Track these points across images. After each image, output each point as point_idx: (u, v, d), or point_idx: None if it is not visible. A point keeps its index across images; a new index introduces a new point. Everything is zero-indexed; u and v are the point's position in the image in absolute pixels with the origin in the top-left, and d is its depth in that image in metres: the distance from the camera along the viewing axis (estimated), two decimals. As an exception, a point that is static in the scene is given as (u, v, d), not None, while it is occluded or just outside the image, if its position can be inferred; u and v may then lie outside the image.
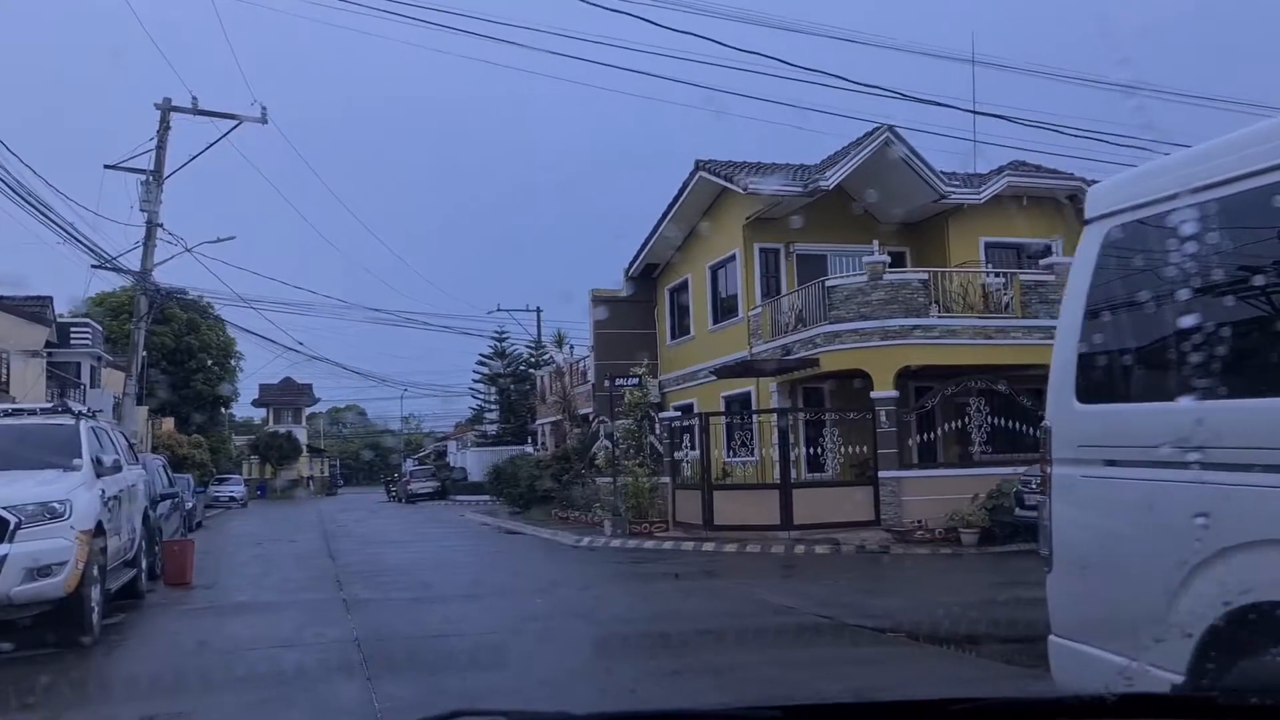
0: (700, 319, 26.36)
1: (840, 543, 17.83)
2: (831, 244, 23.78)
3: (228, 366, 62.30)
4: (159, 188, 34.36)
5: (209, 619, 10.88)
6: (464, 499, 47.48)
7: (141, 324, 34.81)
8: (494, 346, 52.15)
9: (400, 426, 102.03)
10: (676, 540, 19.25)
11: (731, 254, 24.15)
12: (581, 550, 19.26)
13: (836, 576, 14.15)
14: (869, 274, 19.30)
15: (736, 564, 16.12)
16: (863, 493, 19.06)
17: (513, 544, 21.50)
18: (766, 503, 18.97)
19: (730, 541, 18.51)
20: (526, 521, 27.32)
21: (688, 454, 20.67)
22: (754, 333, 23.09)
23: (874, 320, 19.15)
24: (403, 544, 21.40)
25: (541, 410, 36.15)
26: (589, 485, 26.18)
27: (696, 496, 19.85)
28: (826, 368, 19.82)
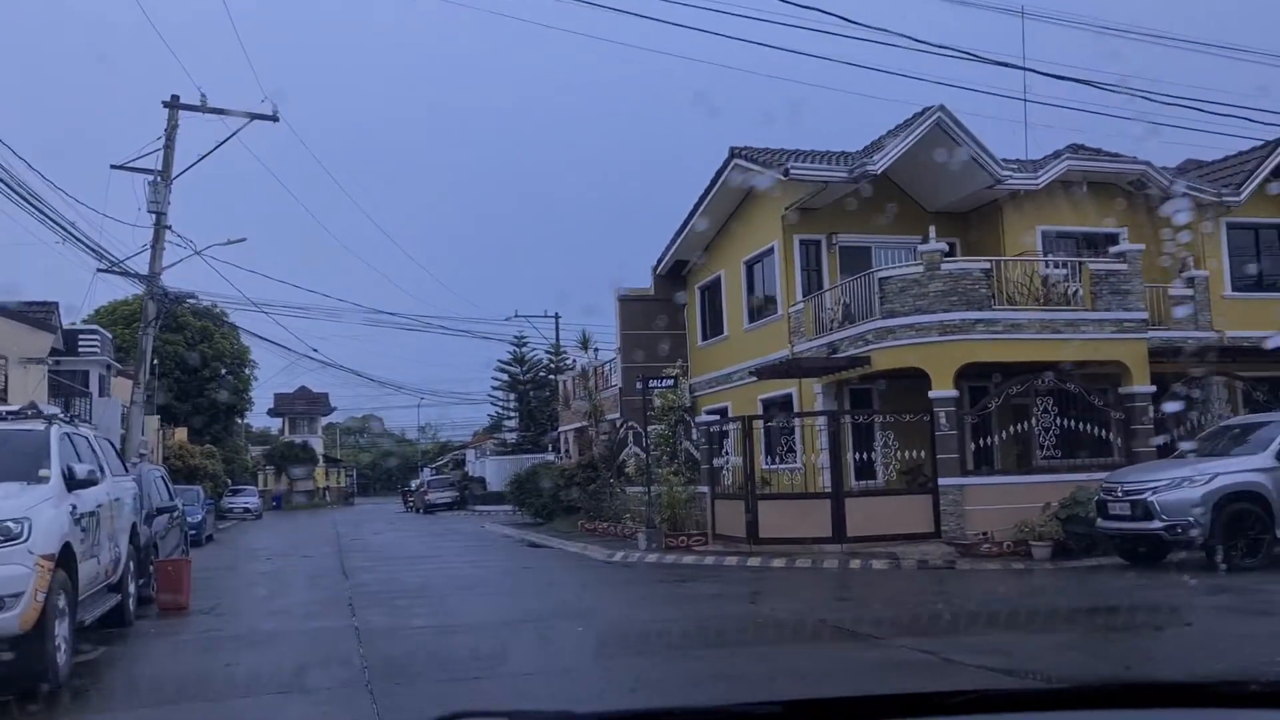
0: (734, 318, 24.84)
1: (899, 557, 16.27)
2: (876, 235, 22.23)
3: (242, 375, 61.09)
4: (167, 188, 33.11)
5: (200, 655, 9.42)
6: (483, 509, 46.10)
7: (149, 330, 33.52)
8: (513, 352, 50.81)
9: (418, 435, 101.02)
10: (718, 555, 17.72)
11: (769, 247, 22.63)
12: (616, 567, 17.75)
13: (911, 598, 12.60)
14: (925, 263, 17.75)
15: (791, 583, 14.59)
16: (921, 502, 17.50)
17: (540, 559, 20.00)
18: (816, 514, 17.43)
19: (777, 556, 16.98)
20: (551, 533, 25.84)
21: (728, 461, 19.15)
22: (795, 330, 21.56)
23: (931, 314, 17.60)
24: (421, 560, 19.93)
25: (564, 416, 34.68)
26: (618, 495, 24.68)
27: (738, 507, 18.33)
28: (879, 366, 18.27)
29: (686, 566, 17.14)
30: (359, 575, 16.46)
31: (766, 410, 22.30)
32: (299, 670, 8.27)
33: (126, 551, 11.12)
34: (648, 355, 27.04)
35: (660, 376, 20.33)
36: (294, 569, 18.86)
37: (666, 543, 19.09)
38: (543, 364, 51.10)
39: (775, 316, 22.46)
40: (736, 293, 24.61)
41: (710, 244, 26.01)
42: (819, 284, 21.95)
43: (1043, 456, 18.08)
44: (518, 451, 49.08)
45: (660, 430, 20.91)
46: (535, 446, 48.08)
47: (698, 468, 21.10)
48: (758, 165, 21.60)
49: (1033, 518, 16.33)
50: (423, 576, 16.13)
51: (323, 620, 11.40)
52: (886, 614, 10.94)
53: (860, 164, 19.99)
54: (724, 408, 24.34)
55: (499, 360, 51.65)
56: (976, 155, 20.24)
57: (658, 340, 27.28)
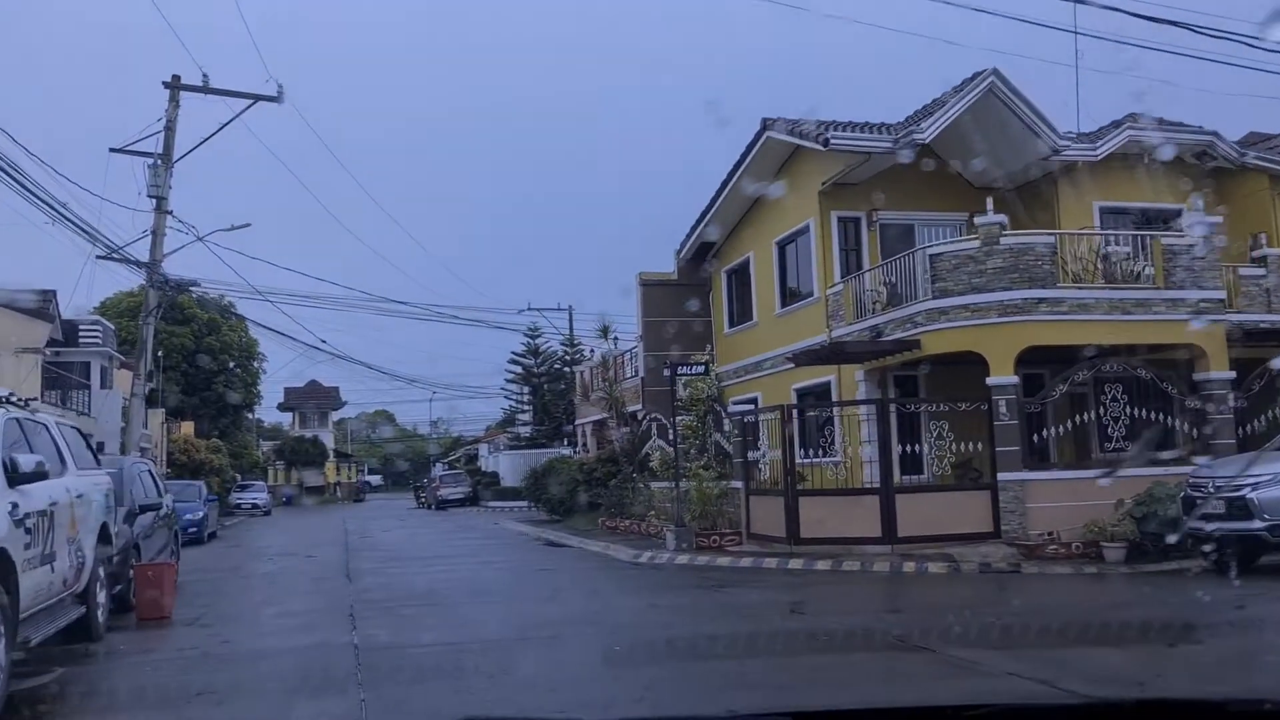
0: (765, 302, 23.34)
1: (956, 560, 14.77)
2: (919, 212, 20.74)
3: (250, 369, 59.84)
4: (168, 172, 31.83)
5: (169, 679, 7.99)
6: (497, 505, 44.77)
7: (150, 319, 32.28)
8: (527, 344, 49.37)
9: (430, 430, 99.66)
10: (755, 556, 16.24)
11: (804, 225, 21.12)
12: (644, 569, 16.28)
13: (984, 608, 11.11)
14: (983, 238, 16.22)
15: (843, 590, 13.09)
16: (978, 499, 15.98)
17: (560, 559, 18.55)
18: (863, 511, 15.94)
19: (821, 558, 15.50)
20: (569, 531, 24.40)
21: (764, 454, 17.66)
22: (833, 314, 20.06)
23: (989, 293, 16.08)
24: (432, 560, 18.52)
25: (581, 409, 33.23)
26: (641, 491, 23.22)
27: (777, 504, 16.84)
28: (930, 350, 16.76)
29: (721, 569, 15.67)
30: (364, 578, 15.03)
31: (801, 400, 20.78)
32: (285, 701, 6.84)
33: (94, 556, 9.71)
34: (671, 343, 25.59)
35: (689, 363, 18.84)
36: (295, 570, 17.47)
37: (697, 542, 17.63)
38: (557, 356, 49.68)
39: (811, 299, 20.96)
40: (767, 275, 23.10)
41: (738, 224, 24.52)
42: (858, 264, 20.44)
43: (1111, 449, 16.54)
44: (532, 446, 47.69)
45: (688, 422, 19.43)
46: (550, 441, 46.69)
47: (729, 461, 19.63)
48: (794, 136, 20.09)
49: (1104, 517, 14.81)
50: (433, 579, 14.70)
51: (319, 634, 9.97)
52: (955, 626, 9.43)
53: (907, 132, 18.45)
54: (753, 398, 22.85)
55: (512, 352, 50.28)
56: (1033, 123, 18.69)
57: (681, 327, 25.82)
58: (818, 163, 20.47)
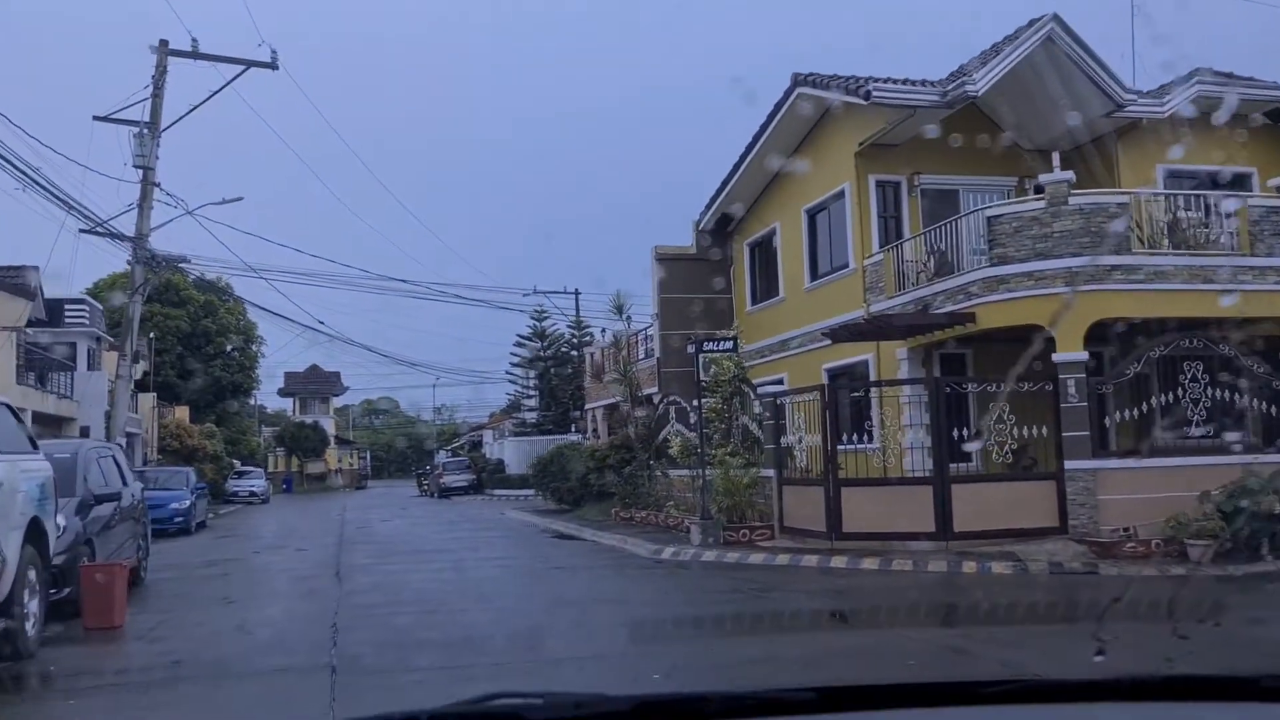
0: (793, 276, 21.59)
1: (1022, 559, 13.07)
2: (964, 176, 18.97)
3: (248, 352, 58.16)
4: (155, 141, 30.12)
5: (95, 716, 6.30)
6: (502, 493, 43.14)
7: (137, 297, 30.62)
8: (533, 326, 47.61)
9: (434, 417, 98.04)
10: (791, 552, 14.55)
11: (839, 190, 19.35)
12: (668, 567, 14.59)
13: (1080, 619, 9.38)
14: (1049, 197, 14.46)
15: (904, 595, 11.37)
16: (1041, 490, 14.27)
17: (572, 555, 16.87)
18: (914, 503, 14.23)
19: (866, 555, 13.81)
20: (581, 522, 22.73)
21: (800, 439, 15.94)
22: (870, 287, 18.32)
23: (1056, 259, 14.34)
24: (433, 555, 16.86)
25: (592, 392, 31.52)
26: (658, 479, 21.55)
27: (815, 495, 15.14)
28: (986, 324, 15.03)
29: (756, 568, 13.99)
30: (355, 578, 13.35)
31: (833, 381, 19.05)
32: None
33: (20, 556, 8.03)
34: (689, 321, 23.87)
35: (715, 338, 17.10)
36: (280, 567, 15.81)
37: (725, 536, 15.95)
38: (565, 339, 47.95)
39: (846, 271, 19.20)
40: (795, 247, 21.35)
41: (763, 193, 22.75)
42: (898, 233, 18.70)
43: (1191, 434, 14.79)
44: (538, 432, 46.03)
45: (712, 404, 17.72)
46: (557, 427, 45.00)
47: (757, 447, 17.91)
48: (829, 91, 18.31)
49: (1187, 510, 13.12)
50: (432, 580, 13.02)
51: (292, 653, 8.28)
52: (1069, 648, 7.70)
53: (957, 84, 16.68)
54: (779, 379, 21.11)
55: (517, 335, 48.51)
56: (1095, 74, 16.90)
57: (701, 305, 24.09)
58: (854, 122, 18.71)
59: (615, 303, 22.62)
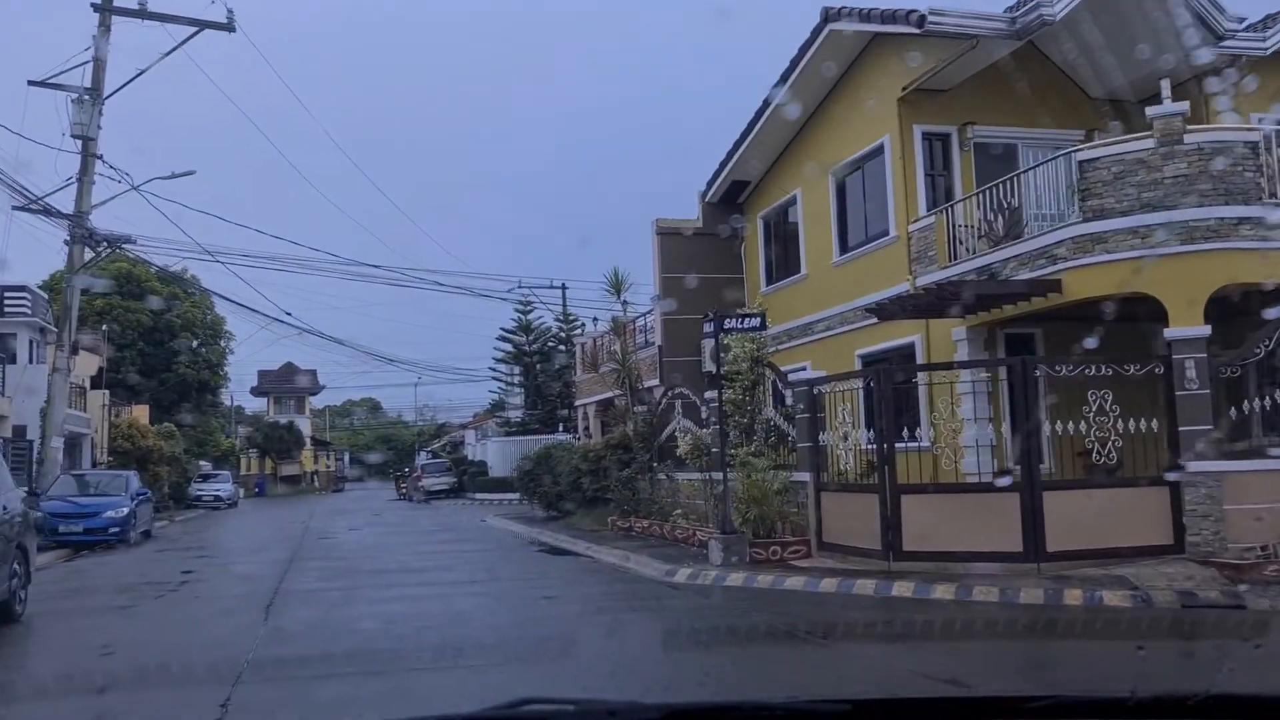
0: (818, 249, 18.75)
1: (1138, 586, 10.25)
2: (1024, 128, 16.19)
3: (216, 348, 55.01)
4: (97, 108, 27.12)
5: None
6: (484, 497, 40.25)
7: (75, 280, 27.60)
8: (518, 320, 44.62)
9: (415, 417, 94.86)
10: (838, 575, 11.70)
11: (877, 145, 16.54)
12: (686, 594, 11.71)
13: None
14: (1159, 134, 11.67)
15: (1016, 640, 8.52)
16: (1151, 499, 11.46)
17: (567, 577, 13.96)
18: (995, 516, 11.40)
19: (936, 579, 10.98)
20: (573, 532, 19.86)
21: (846, 435, 13.07)
22: (918, 257, 15.51)
23: (1168, 211, 11.55)
24: (396, 577, 13.94)
25: (583, 387, 28.60)
26: (662, 483, 18.69)
27: (865, 504, 12.30)
28: (1076, 293, 12.22)
29: (798, 597, 11.14)
30: (289, 612, 10.41)
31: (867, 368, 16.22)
32: None
33: None
34: (695, 304, 21.03)
35: (737, 315, 14.21)
36: (205, 594, 12.83)
37: (751, 554, 13.10)
38: (551, 333, 45.01)
39: (886, 240, 16.39)
40: (821, 216, 18.52)
41: (782, 155, 19.92)
42: (947, 194, 15.92)
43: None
44: (523, 432, 43.11)
45: (731, 395, 14.85)
46: (544, 426, 42.11)
47: (783, 445, 15.07)
48: (870, 22, 15.49)
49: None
50: (387, 615, 10.11)
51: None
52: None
53: (1029, 8, 13.85)
54: (800, 368, 18.26)
55: (501, 329, 45.51)
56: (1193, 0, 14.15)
57: (708, 286, 21.24)
58: (896, 64, 15.93)
59: (612, 281, 19.71)
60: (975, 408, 12.94)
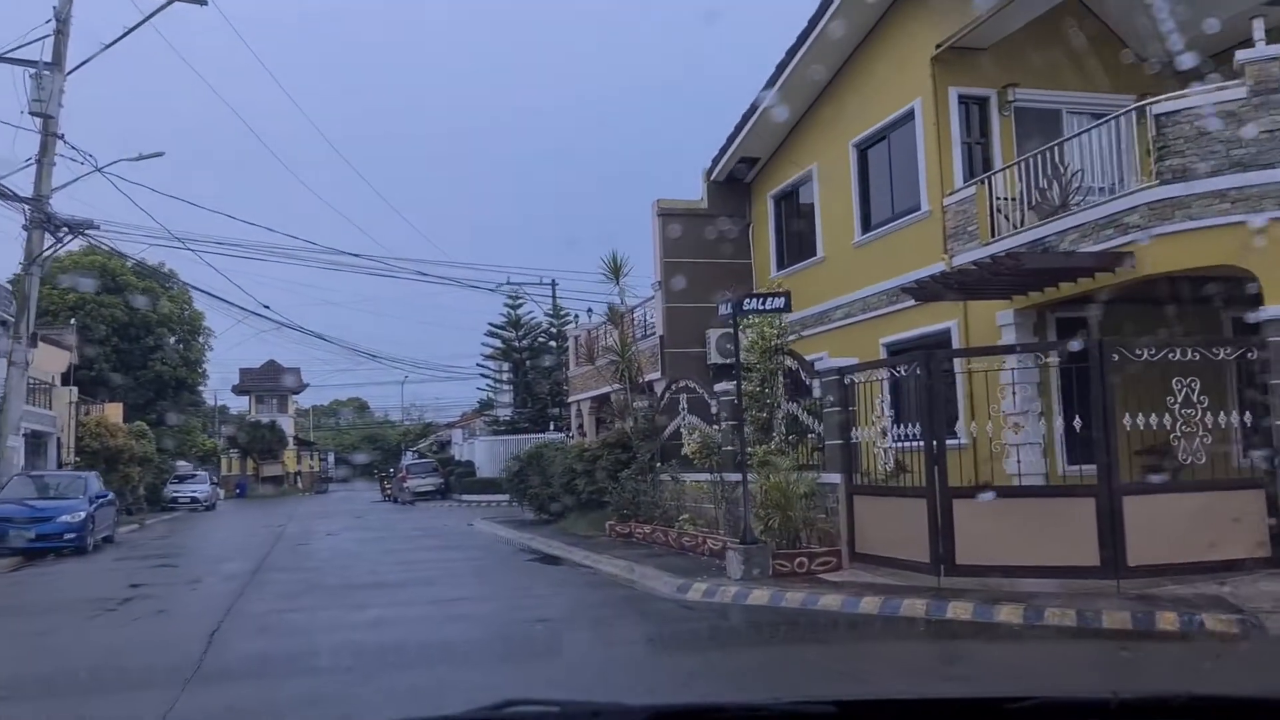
0: (835, 229, 17.15)
1: (1240, 609, 8.66)
2: (1068, 92, 14.62)
3: (194, 344, 53.12)
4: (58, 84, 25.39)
5: None
6: (472, 499, 38.57)
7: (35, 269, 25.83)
8: (507, 314, 42.88)
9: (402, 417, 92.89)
10: (880, 593, 10.08)
11: (906, 111, 14.94)
12: (703, 616, 10.08)
13: None
14: (1251, 80, 10.09)
15: (1114, 675, 6.90)
16: (1243, 503, 9.87)
17: (563, 592, 12.31)
18: (1065, 524, 9.79)
19: (998, 598, 9.37)
20: (566, 538, 18.22)
21: (886, 430, 11.43)
22: (954, 233, 13.91)
23: (1263, 170, 9.98)
24: (369, 594, 12.27)
25: (576, 383, 26.94)
26: (666, 485, 17.05)
27: (909, 510, 10.66)
28: (1152, 267, 10.64)
29: (838, 620, 9.53)
30: (233, 644, 8.72)
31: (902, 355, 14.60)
32: None
33: None
34: (700, 291, 19.44)
35: (759, 295, 12.55)
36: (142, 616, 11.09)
37: (775, 566, 11.46)
38: (541, 328, 43.29)
39: (917, 215, 14.79)
40: (840, 192, 16.91)
41: (796, 128, 18.30)
42: (985, 163, 14.34)
43: None
44: (513, 431, 41.39)
45: (749, 387, 13.21)
46: (534, 425, 40.40)
47: (803, 443, 13.45)
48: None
49: None
50: (355, 649, 8.42)
51: None
52: None
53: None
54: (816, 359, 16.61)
55: (489, 323, 43.71)
56: (1267, -60, 12.58)
57: (713, 272, 19.65)
58: (928, 19, 14.35)
59: (610, 265, 18.04)
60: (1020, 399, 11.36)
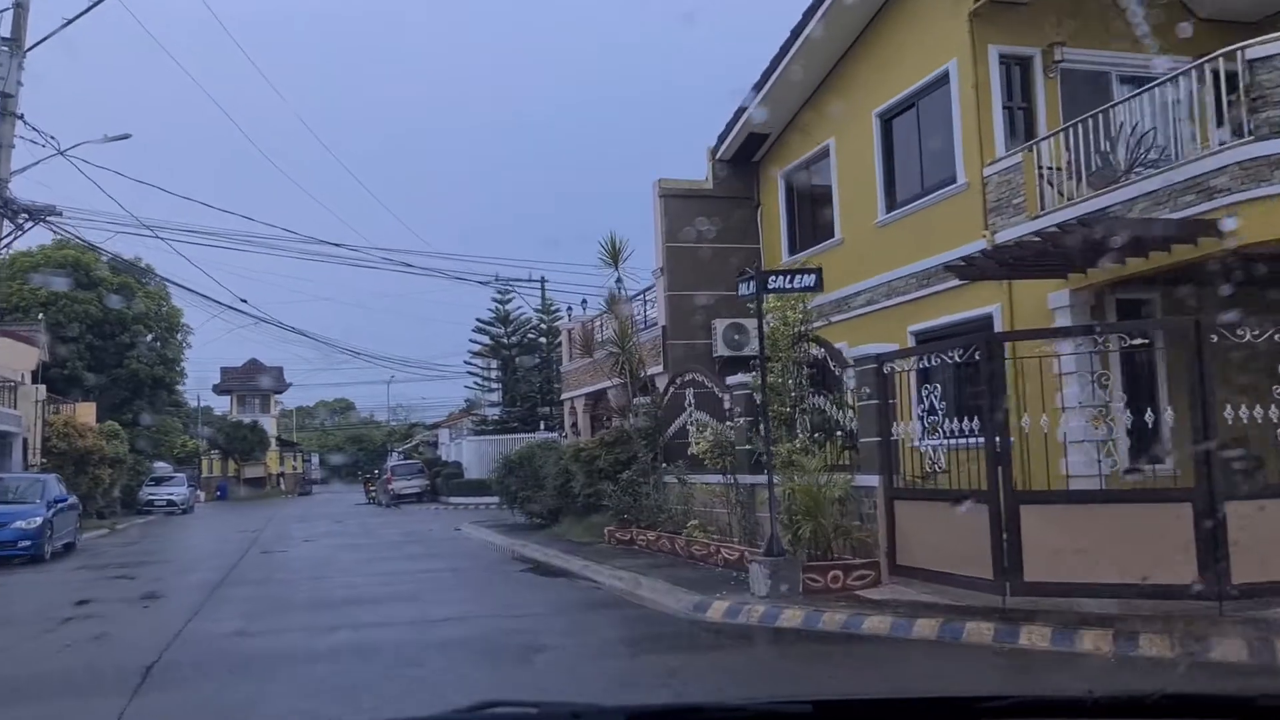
0: (855, 208, 15.73)
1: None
2: (1117, 53, 13.19)
3: (172, 342, 51.39)
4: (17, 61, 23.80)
5: None
6: (459, 501, 37.08)
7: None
8: (495, 309, 41.37)
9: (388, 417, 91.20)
10: (934, 613, 8.65)
11: (940, 73, 13.52)
12: (732, 641, 8.65)
13: None
14: (1368, 19, 8.69)
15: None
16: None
17: (565, 611, 10.84)
18: (1154, 532, 8.36)
19: (1075, 622, 7.98)
20: (562, 544, 16.77)
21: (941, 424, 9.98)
22: (997, 206, 12.48)
23: (1381, 121, 8.57)
24: (344, 611, 10.78)
25: (571, 378, 25.44)
26: (670, 487, 15.60)
27: (964, 516, 9.21)
28: (1247, 237, 9.22)
29: (891, 648, 8.09)
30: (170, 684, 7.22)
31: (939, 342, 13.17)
32: None
33: None
34: (705, 278, 18.08)
35: (789, 272, 11.07)
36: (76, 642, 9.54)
37: (806, 581, 10.02)
38: (531, 324, 41.81)
39: (952, 189, 13.37)
40: (862, 167, 15.48)
41: (812, 99, 16.86)
42: (1029, 131, 12.92)
43: None
44: (501, 431, 39.91)
45: (770, 379, 11.74)
46: (523, 425, 38.92)
47: (831, 441, 12.00)
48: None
49: None
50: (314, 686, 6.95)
51: None
52: None
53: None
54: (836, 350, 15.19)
55: (477, 319, 42.18)
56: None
57: (720, 257, 18.24)
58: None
59: (609, 249, 16.58)
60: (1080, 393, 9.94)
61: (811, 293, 11.19)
